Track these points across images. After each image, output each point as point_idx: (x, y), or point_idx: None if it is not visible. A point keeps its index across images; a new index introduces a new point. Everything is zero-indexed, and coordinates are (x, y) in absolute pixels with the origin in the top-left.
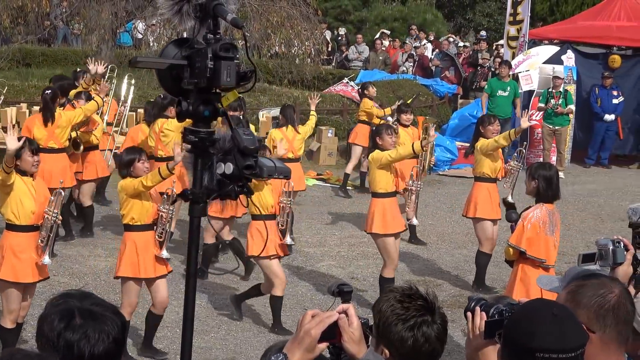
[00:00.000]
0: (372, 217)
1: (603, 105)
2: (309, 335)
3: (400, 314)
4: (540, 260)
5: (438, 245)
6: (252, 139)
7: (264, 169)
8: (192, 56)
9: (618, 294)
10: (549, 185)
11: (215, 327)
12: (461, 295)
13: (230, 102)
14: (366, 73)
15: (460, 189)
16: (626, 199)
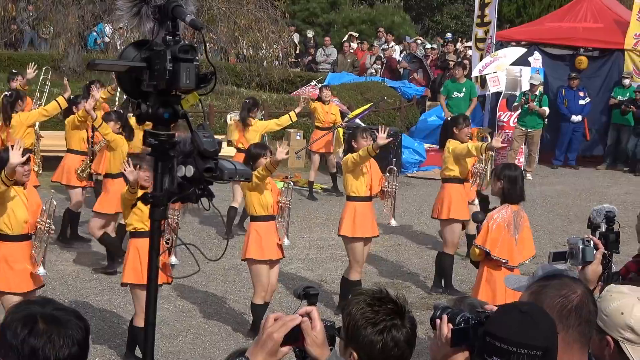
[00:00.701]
0: (343, 219)
1: (570, 107)
2: (272, 338)
3: (370, 317)
4: (503, 260)
5: (406, 247)
6: (212, 141)
7: (224, 172)
8: (151, 58)
9: (581, 295)
10: (513, 186)
11: (183, 331)
12: (429, 297)
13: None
14: (334, 76)
15: (429, 191)
16: (594, 199)
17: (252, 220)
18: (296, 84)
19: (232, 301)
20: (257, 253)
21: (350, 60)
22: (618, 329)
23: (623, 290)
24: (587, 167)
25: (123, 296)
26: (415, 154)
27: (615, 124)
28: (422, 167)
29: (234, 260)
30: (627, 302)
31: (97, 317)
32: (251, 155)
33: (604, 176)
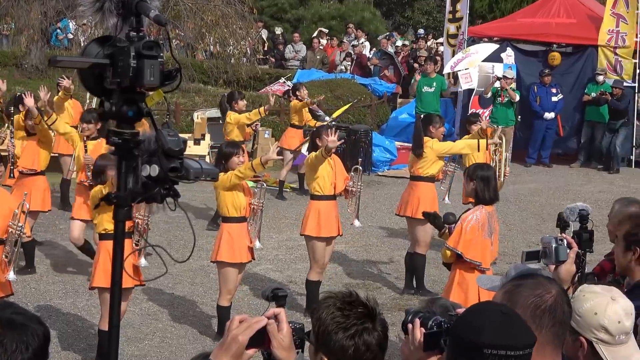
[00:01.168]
0: (307, 219)
1: (542, 104)
2: (237, 341)
3: (341, 322)
4: (476, 263)
5: (377, 247)
6: (177, 140)
7: (190, 171)
8: (115, 55)
9: (555, 295)
10: (486, 186)
11: (149, 334)
12: (401, 298)
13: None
14: (303, 72)
15: (400, 190)
16: (567, 197)
17: (224, 221)
18: (264, 81)
19: (200, 303)
20: (229, 255)
21: (319, 57)
22: (592, 330)
23: (596, 290)
24: (560, 165)
25: (87, 299)
26: (386, 152)
27: (589, 121)
28: (393, 165)
29: (202, 261)
30: (601, 302)
31: (61, 320)
32: (223, 154)
33: (577, 174)
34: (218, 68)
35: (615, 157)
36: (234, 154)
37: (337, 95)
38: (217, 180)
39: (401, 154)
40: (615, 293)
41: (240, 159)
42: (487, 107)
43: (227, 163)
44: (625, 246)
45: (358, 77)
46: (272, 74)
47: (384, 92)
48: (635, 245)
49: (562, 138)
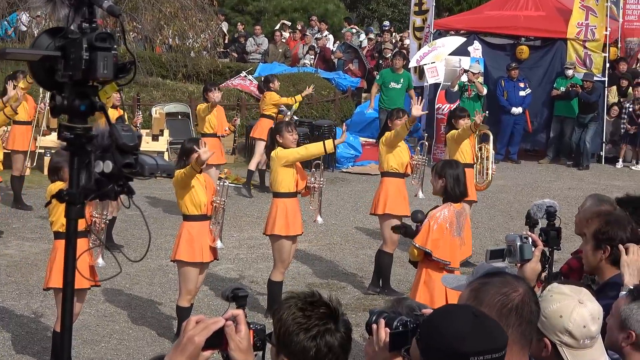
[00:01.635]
0: (273, 218)
1: (510, 98)
2: (192, 342)
3: (302, 322)
4: (445, 262)
5: (342, 245)
6: (132, 135)
7: (145, 167)
8: (66, 47)
9: (522, 293)
10: (457, 183)
11: (106, 336)
12: (366, 298)
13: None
14: (265, 66)
15: (365, 187)
16: (536, 194)
17: (185, 219)
18: (225, 75)
19: (158, 304)
20: (188, 254)
21: (282, 50)
22: (556, 332)
23: (564, 291)
24: (529, 161)
25: (42, 300)
26: (350, 148)
27: (558, 116)
28: (358, 162)
29: (160, 261)
30: (567, 305)
31: (14, 322)
32: (184, 150)
33: (546, 170)
34: (177, 61)
35: (584, 153)
36: (195, 150)
37: (299, 89)
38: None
39: (366, 150)
40: (584, 296)
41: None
42: (453, 102)
43: (188, 159)
44: (594, 245)
45: (321, 71)
46: (233, 67)
47: (348, 86)
48: (605, 244)
49: (530, 133)
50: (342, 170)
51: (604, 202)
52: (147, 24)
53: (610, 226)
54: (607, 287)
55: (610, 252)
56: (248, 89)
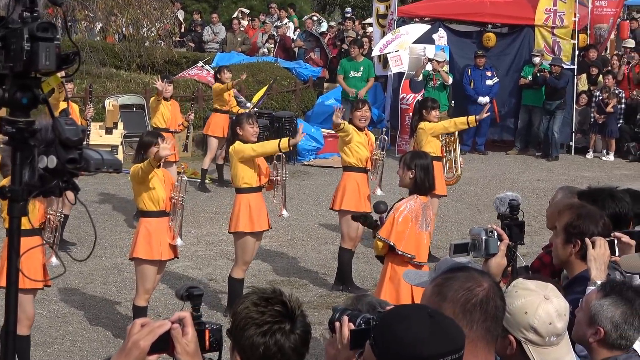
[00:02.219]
0: (237, 215)
1: (476, 87)
2: (138, 346)
3: (254, 317)
4: (410, 256)
5: (304, 241)
6: (75, 129)
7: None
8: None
9: (487, 288)
10: (426, 176)
11: (59, 338)
12: (328, 296)
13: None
14: (223, 56)
15: (327, 180)
16: (504, 187)
17: (142, 216)
18: (182, 65)
19: (113, 304)
20: (146, 252)
21: (240, 39)
22: (521, 329)
23: (529, 287)
24: (496, 152)
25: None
26: (312, 140)
27: (526, 106)
28: (320, 154)
29: (115, 259)
30: (533, 301)
31: None
32: (142, 144)
33: (515, 162)
34: (131, 51)
35: (553, 143)
36: (153, 144)
37: (259, 79)
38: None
39: (328, 142)
40: (550, 292)
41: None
42: (418, 92)
43: (146, 153)
44: (565, 238)
45: (281, 61)
46: (190, 57)
47: (309, 76)
48: (576, 238)
49: (498, 123)
50: (303, 163)
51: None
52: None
53: (582, 220)
54: (576, 282)
55: (581, 247)
56: (205, 80)
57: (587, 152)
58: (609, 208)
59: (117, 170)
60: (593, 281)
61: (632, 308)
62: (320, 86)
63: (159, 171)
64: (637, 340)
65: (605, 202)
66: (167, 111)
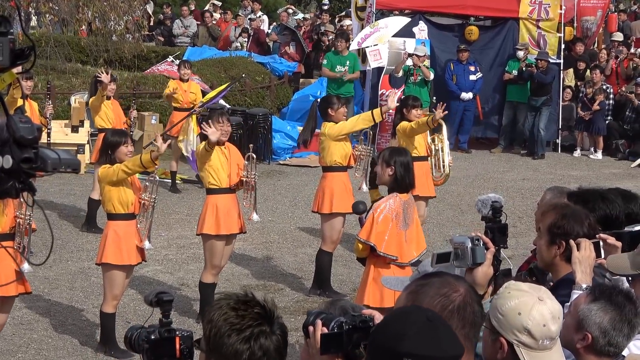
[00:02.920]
0: (203, 216)
1: (459, 83)
2: None
3: (235, 323)
4: (392, 257)
5: (279, 244)
6: (30, 127)
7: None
8: None
9: (463, 294)
10: (406, 172)
11: (23, 346)
12: (305, 301)
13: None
14: (194, 50)
15: (304, 180)
16: (488, 186)
17: (110, 219)
18: (151, 60)
19: (80, 310)
20: (115, 257)
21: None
22: (513, 331)
23: (523, 288)
24: (480, 151)
25: None
26: (287, 138)
27: (511, 102)
28: (296, 153)
29: (81, 263)
30: (526, 302)
31: None
32: (109, 144)
33: (499, 160)
34: (98, 46)
35: (539, 140)
36: (122, 144)
37: (232, 75)
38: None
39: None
40: (544, 293)
41: (128, 149)
42: (398, 87)
43: (114, 154)
44: (549, 239)
45: (255, 55)
46: (159, 52)
47: (284, 71)
48: (560, 239)
49: (481, 120)
50: (279, 162)
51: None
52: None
53: (567, 220)
54: (561, 285)
55: (565, 248)
56: (176, 75)
57: (574, 150)
58: (600, 209)
59: (75, 170)
60: (578, 284)
61: (621, 314)
62: (296, 82)
63: None
64: (625, 348)
65: (596, 203)
66: (110, 110)
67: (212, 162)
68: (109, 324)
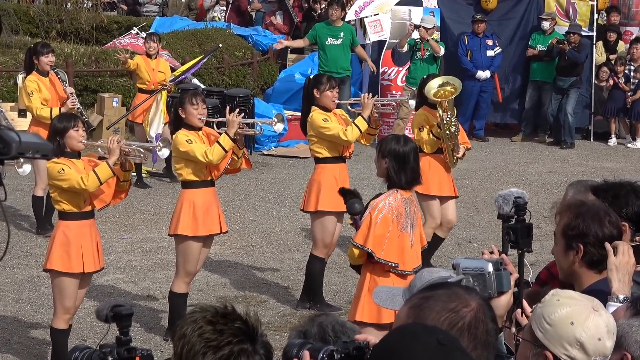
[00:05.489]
0: (178, 214)
1: (474, 59)
2: None
3: (211, 339)
4: (392, 264)
5: (262, 248)
6: None
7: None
8: None
9: (475, 309)
10: (402, 166)
11: None
12: (292, 315)
13: None
14: (163, 20)
15: (292, 173)
16: (508, 180)
17: (61, 218)
18: (112, 32)
19: (27, 326)
20: (63, 263)
21: (184, 1)
22: (563, 343)
23: (574, 296)
24: (499, 139)
25: None
26: None
27: (535, 82)
28: (283, 141)
29: (29, 270)
30: (580, 311)
31: None
32: (55, 131)
33: (521, 150)
34: (50, 15)
35: (567, 127)
36: (70, 128)
37: (206, 50)
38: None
39: (293, 127)
40: (598, 304)
41: (80, 133)
42: (402, 65)
43: (63, 140)
44: (565, 244)
45: (235, 27)
46: (123, 23)
47: (269, 45)
48: (576, 242)
49: (500, 104)
50: (262, 152)
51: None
52: None
53: (582, 219)
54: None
55: (584, 252)
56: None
57: (609, 139)
58: (633, 206)
59: (46, 155)
60: (614, 296)
61: None
62: (283, 58)
63: (79, 162)
64: None
65: (629, 198)
66: (46, 89)
67: (190, 152)
68: (61, 341)
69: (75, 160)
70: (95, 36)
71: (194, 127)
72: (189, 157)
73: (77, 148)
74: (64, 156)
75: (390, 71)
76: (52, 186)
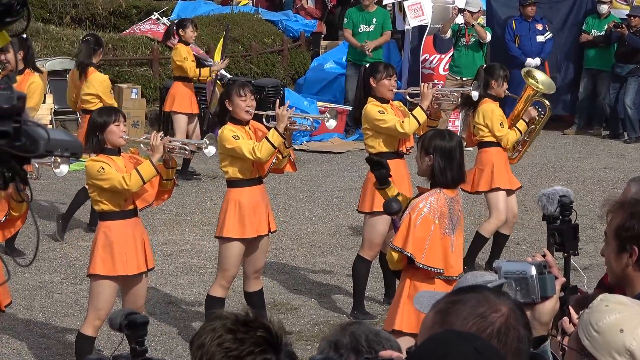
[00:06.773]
0: (224, 215)
1: (523, 45)
2: None
3: (232, 349)
4: (437, 270)
5: (293, 251)
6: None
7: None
8: None
9: (506, 314)
10: (448, 162)
11: None
12: (326, 323)
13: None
14: (186, 5)
15: (325, 170)
16: (559, 177)
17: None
18: (131, 17)
19: (39, 336)
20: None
21: None
22: (612, 352)
23: (624, 302)
24: (550, 132)
25: None
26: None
27: (590, 70)
28: (315, 135)
29: (41, 276)
30: (631, 317)
31: None
32: (95, 125)
33: (574, 144)
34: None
35: (626, 119)
36: (111, 122)
37: (234, 37)
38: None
39: None
40: None
41: (121, 128)
42: (445, 52)
43: (103, 136)
44: (618, 246)
45: (264, 11)
46: (142, 7)
47: (300, 31)
48: (631, 244)
49: (551, 94)
50: (293, 147)
51: None
52: None
53: (637, 219)
54: None
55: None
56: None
57: None
58: None
59: (76, 154)
60: None
61: None
62: (316, 45)
63: (119, 159)
64: None
65: None
66: None
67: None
68: (85, 349)
69: (115, 157)
70: (113, 22)
71: (240, 121)
72: (236, 154)
73: (118, 144)
74: (103, 153)
75: (432, 59)
76: (91, 186)
